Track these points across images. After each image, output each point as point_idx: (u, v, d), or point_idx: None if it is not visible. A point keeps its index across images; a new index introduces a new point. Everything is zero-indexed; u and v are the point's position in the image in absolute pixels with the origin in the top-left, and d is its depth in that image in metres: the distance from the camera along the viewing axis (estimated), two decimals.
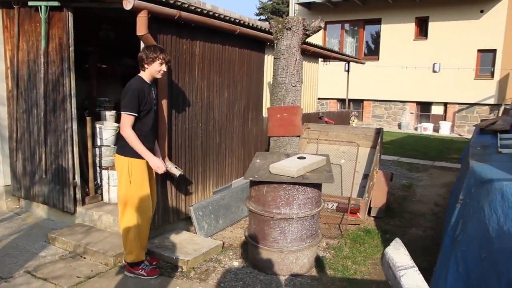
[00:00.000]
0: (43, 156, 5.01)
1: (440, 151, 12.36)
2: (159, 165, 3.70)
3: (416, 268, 1.71)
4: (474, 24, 16.24)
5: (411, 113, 17.96)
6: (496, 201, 2.71)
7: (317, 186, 4.06)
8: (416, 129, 17.68)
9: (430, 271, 3.67)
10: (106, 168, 5.16)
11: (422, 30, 17.40)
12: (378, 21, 18.09)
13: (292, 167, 3.90)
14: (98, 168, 5.35)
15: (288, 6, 26.34)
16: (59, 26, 4.67)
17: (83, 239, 4.42)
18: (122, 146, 3.71)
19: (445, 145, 13.59)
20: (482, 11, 16.13)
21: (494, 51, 16.21)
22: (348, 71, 12.39)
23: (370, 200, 5.72)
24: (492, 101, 16.44)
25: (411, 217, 5.97)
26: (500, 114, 16.30)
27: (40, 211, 5.42)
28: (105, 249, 4.19)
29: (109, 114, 5.79)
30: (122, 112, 3.59)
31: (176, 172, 4.33)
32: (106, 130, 5.39)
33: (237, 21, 5.36)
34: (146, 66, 3.70)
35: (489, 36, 16.04)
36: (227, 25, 5.15)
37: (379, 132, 6.53)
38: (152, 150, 3.81)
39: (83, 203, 5.00)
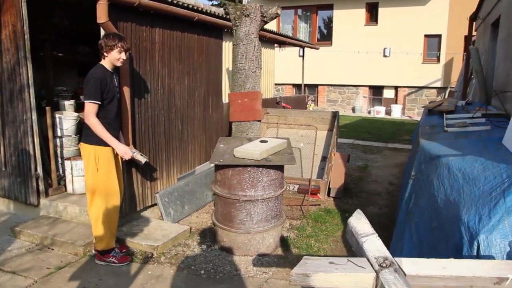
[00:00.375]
0: (2, 148, 4.90)
1: (392, 133, 12.87)
2: (126, 150, 3.74)
3: (376, 235, 1.89)
4: (421, 10, 16.86)
5: (364, 97, 18.51)
6: (443, 175, 2.97)
7: (280, 168, 4.21)
8: (369, 112, 18.26)
9: (387, 245, 3.92)
10: (69, 159, 5.11)
11: (373, 16, 17.89)
12: (330, 7, 18.43)
13: (256, 150, 4.03)
14: (60, 159, 5.28)
15: None
16: (12, 13, 4.52)
17: (50, 230, 4.39)
18: (87, 135, 3.71)
19: (397, 127, 14.14)
20: None
21: (439, 36, 16.94)
22: (302, 56, 12.61)
23: (329, 181, 5.95)
24: (439, 84, 17.21)
25: (368, 196, 6.27)
26: (446, 96, 17.10)
27: (1, 205, 5.29)
28: (74, 239, 4.19)
29: (68, 104, 5.71)
30: (85, 101, 3.58)
31: (142, 159, 4.37)
32: (66, 120, 5.32)
33: (194, 7, 5.39)
34: (105, 54, 3.70)
35: (434, 22, 16.74)
36: (186, 12, 5.17)
37: (335, 115, 6.76)
38: (117, 137, 3.83)
39: (47, 194, 4.93)
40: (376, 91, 18.48)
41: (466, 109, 5.86)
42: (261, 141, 4.41)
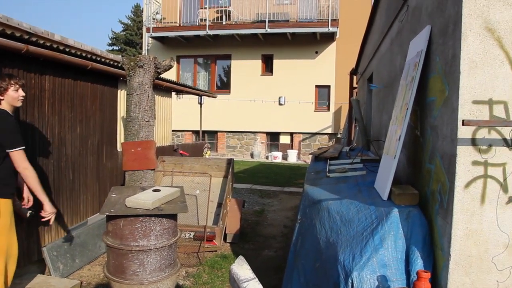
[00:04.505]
0: None
1: (288, 177, 13.44)
2: (53, 210, 3.57)
3: (256, 279, 2.04)
4: (312, 63, 18.27)
5: (262, 143, 19.20)
6: (324, 218, 3.26)
7: (173, 217, 4.25)
8: (267, 157, 18.93)
9: (280, 286, 4.10)
10: None
11: (268, 67, 18.94)
12: (228, 57, 19.19)
13: (148, 199, 4.04)
14: None
15: (141, 37, 26.35)
16: None
17: None
18: None
19: (293, 172, 14.81)
20: (316, 52, 18.25)
21: (328, 87, 18.40)
22: (201, 104, 12.89)
23: (225, 227, 6.07)
24: (330, 130, 18.48)
25: (264, 240, 6.47)
26: (334, 142, 18.37)
27: None
28: None
29: None
30: (13, 150, 3.36)
31: (25, 212, 4.15)
32: None
33: (88, 56, 5.38)
34: (1, 97, 3.52)
35: (324, 74, 18.22)
36: (78, 60, 5.15)
37: (230, 162, 6.98)
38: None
39: None
40: (273, 137, 19.30)
41: (349, 155, 6.41)
42: (154, 190, 4.43)
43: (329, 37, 17.90)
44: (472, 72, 2.55)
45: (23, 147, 3.42)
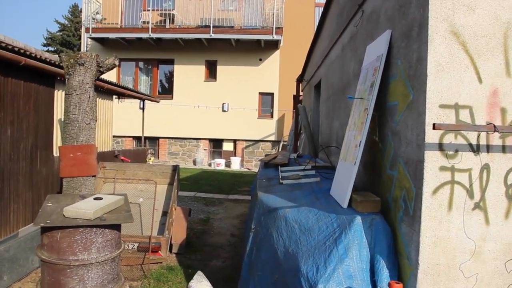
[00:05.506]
0: None
1: (232, 184, 13.24)
2: None
3: None
4: (255, 70, 18.24)
5: (205, 149, 18.87)
6: (282, 227, 3.08)
7: (116, 227, 3.91)
8: (210, 164, 18.61)
9: None
10: None
11: (212, 72, 18.69)
12: (171, 61, 18.75)
13: (89, 209, 3.69)
14: None
15: (80, 39, 25.26)
16: None
17: None
18: None
19: (236, 179, 14.63)
20: (260, 60, 18.26)
21: (272, 94, 18.44)
22: (143, 109, 12.42)
23: (171, 237, 5.75)
24: (273, 138, 18.50)
25: (211, 249, 6.21)
26: (280, 149, 18.42)
27: None
28: None
29: None
30: None
31: None
32: None
33: (21, 51, 4.91)
34: None
35: (267, 81, 18.24)
36: (10, 54, 4.68)
37: (175, 169, 6.68)
38: None
39: None
40: (216, 144, 19.03)
41: (298, 162, 6.31)
42: (96, 199, 4.07)
43: (273, 45, 17.96)
44: (439, 75, 2.50)
45: None
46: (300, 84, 10.85)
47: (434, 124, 2.34)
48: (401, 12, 2.98)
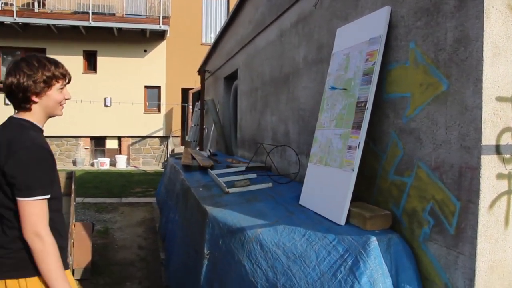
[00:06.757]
0: None
1: (122, 186, 12.19)
2: None
3: None
4: (140, 62, 17.09)
5: (86, 148, 17.24)
6: (257, 253, 2.46)
7: None
8: (92, 165, 17.05)
9: None
10: None
11: (91, 64, 17.07)
12: (42, 51, 16.62)
13: None
14: None
15: None
16: None
17: None
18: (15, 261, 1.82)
19: (126, 179, 13.53)
20: (145, 51, 17.15)
21: (159, 87, 17.48)
22: (8, 104, 10.74)
23: (73, 262, 4.83)
24: (161, 133, 17.57)
25: (120, 269, 5.37)
26: (168, 145, 17.57)
27: None
28: None
29: None
30: (25, 199, 1.79)
31: None
32: None
33: None
34: (35, 99, 1.96)
35: (153, 74, 17.22)
36: None
37: (71, 176, 5.68)
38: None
39: None
40: (99, 142, 17.50)
41: (218, 161, 5.76)
42: None
43: (159, 35, 16.94)
44: (496, 60, 2.02)
45: (46, 197, 1.86)
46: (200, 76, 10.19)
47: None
48: None
